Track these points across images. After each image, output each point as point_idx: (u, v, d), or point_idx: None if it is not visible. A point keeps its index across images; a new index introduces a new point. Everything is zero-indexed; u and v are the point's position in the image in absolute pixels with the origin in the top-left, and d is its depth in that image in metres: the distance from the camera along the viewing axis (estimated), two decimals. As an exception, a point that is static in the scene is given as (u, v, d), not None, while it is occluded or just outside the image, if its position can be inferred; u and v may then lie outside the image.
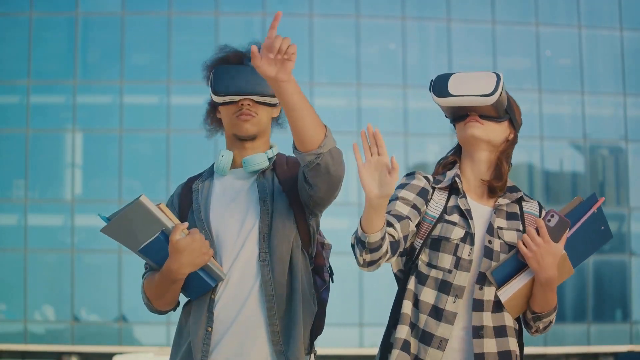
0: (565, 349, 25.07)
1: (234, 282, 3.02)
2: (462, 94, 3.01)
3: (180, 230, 2.90)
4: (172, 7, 25.11)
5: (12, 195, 24.71)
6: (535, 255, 2.87)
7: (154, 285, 3.03)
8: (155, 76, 24.91)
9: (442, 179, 3.10)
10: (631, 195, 25.62)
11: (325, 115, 3.30)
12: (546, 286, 2.91)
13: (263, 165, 3.13)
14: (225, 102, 3.10)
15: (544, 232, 2.87)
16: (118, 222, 2.90)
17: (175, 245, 2.89)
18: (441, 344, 2.91)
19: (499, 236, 3.00)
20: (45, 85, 24.88)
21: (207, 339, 3.00)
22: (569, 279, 21.95)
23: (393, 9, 25.48)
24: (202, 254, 2.92)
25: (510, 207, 3.08)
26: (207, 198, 3.12)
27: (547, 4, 25.87)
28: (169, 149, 24.66)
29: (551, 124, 25.49)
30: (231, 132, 3.14)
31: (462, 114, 3.07)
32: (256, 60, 2.75)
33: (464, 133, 3.08)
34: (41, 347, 24.24)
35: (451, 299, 2.94)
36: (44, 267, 24.37)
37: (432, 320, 2.94)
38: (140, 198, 2.87)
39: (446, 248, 2.98)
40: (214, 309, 3.02)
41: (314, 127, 2.92)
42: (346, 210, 21.93)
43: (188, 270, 2.94)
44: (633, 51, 25.90)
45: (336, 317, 20.79)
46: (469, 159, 3.11)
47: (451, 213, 3.02)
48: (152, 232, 2.92)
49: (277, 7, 25.23)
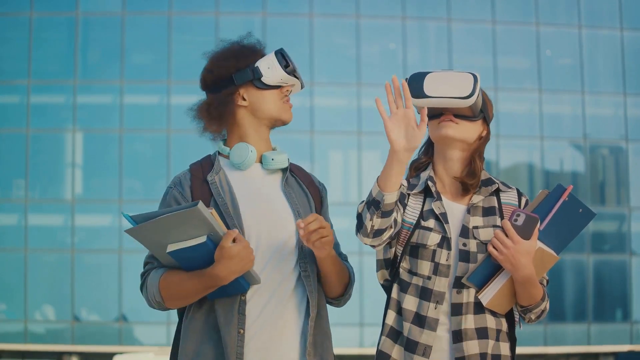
0: (566, 348, 25.07)
1: (267, 286, 2.98)
2: (439, 96, 2.94)
3: (232, 237, 2.85)
4: (172, 7, 25.11)
5: (12, 195, 24.71)
6: (507, 257, 2.85)
7: (182, 287, 2.94)
8: (155, 76, 24.91)
9: (417, 183, 3.07)
10: (631, 195, 25.61)
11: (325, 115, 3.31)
12: (525, 283, 2.89)
13: (283, 164, 3.10)
14: (279, 85, 3.10)
15: (512, 233, 2.84)
16: (155, 225, 2.82)
17: (228, 251, 2.83)
18: (426, 351, 2.90)
19: (474, 236, 2.97)
20: (45, 85, 24.88)
21: (240, 342, 2.94)
22: (569, 279, 21.75)
23: (393, 9, 25.48)
24: (250, 260, 2.87)
25: (487, 201, 3.04)
26: (230, 192, 3.05)
27: (547, 3, 25.87)
28: (169, 148, 24.66)
29: (551, 123, 25.48)
30: (275, 117, 3.12)
31: (436, 113, 3.03)
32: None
33: (438, 132, 3.04)
34: (41, 346, 24.24)
35: (432, 305, 2.92)
36: (44, 267, 24.37)
37: (416, 327, 2.93)
38: (199, 205, 2.77)
39: (424, 255, 2.96)
40: (245, 311, 2.96)
41: (339, 287, 3.09)
42: (346, 210, 21.89)
43: (234, 277, 2.88)
44: (633, 51, 25.90)
45: (336, 317, 20.81)
46: (442, 158, 3.07)
47: (427, 218, 2.99)
48: (195, 237, 2.85)
49: (277, 7, 25.24)
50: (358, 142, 24.77)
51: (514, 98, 24.77)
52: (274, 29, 24.45)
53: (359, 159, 24.87)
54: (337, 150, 25.04)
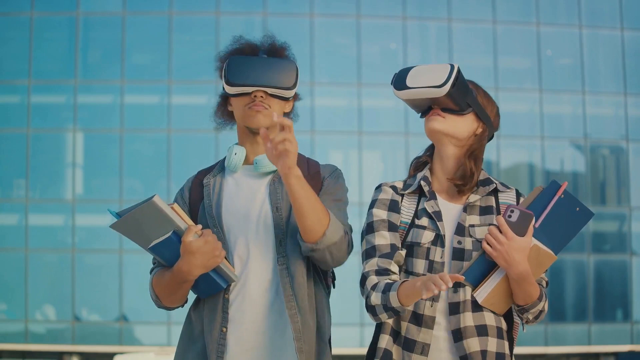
0: (566, 348, 25.07)
1: (252, 284, 3.00)
2: (416, 86, 2.97)
3: (193, 231, 2.88)
4: (172, 7, 25.11)
5: (12, 195, 24.72)
6: (501, 253, 2.84)
7: (164, 283, 3.00)
8: (156, 76, 24.91)
9: (413, 182, 3.08)
10: (632, 195, 25.62)
11: (325, 115, 3.30)
12: (521, 281, 2.87)
13: (267, 168, 3.09)
14: (238, 94, 3.05)
15: (505, 229, 2.83)
16: (128, 220, 2.87)
17: (188, 246, 2.87)
18: (424, 349, 2.90)
19: (470, 234, 2.96)
20: (46, 85, 24.89)
21: (222, 340, 2.97)
22: (570, 279, 21.69)
23: (394, 9, 25.49)
24: (214, 256, 2.89)
25: (485, 200, 3.04)
26: (219, 194, 3.09)
27: (547, 3, 25.87)
28: (169, 148, 24.66)
29: (552, 123, 25.48)
30: (243, 124, 3.10)
31: (426, 109, 3.05)
32: (265, 144, 2.82)
33: (426, 126, 3.06)
34: (42, 346, 24.25)
35: (428, 303, 2.93)
36: (45, 267, 24.38)
37: (413, 326, 2.93)
38: (154, 198, 2.82)
39: (418, 253, 2.96)
40: (229, 310, 3.00)
41: (314, 223, 2.90)
42: (346, 210, 21.89)
43: (199, 272, 2.91)
44: (634, 51, 25.90)
45: (336, 316, 20.76)
46: (439, 157, 3.08)
47: (421, 217, 3.00)
48: (164, 232, 2.89)
49: (278, 7, 25.24)
50: (358, 142, 24.77)
51: (514, 98, 24.77)
52: (274, 29, 24.34)
53: (360, 159, 24.86)
54: (338, 150, 25.03)
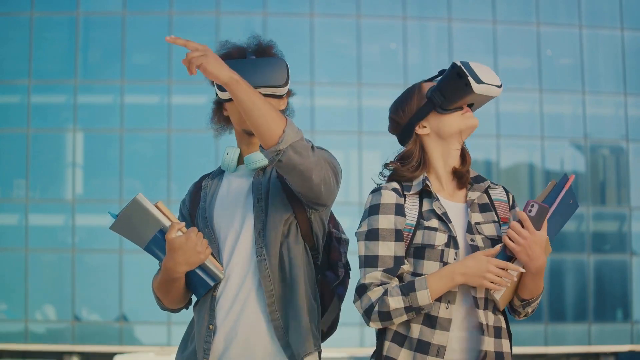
0: (566, 348, 25.07)
1: (233, 279, 3.03)
2: (493, 83, 2.96)
3: (176, 228, 2.92)
4: (173, 7, 25.12)
5: (13, 195, 24.73)
6: (524, 248, 2.84)
7: (159, 283, 3.06)
8: (156, 76, 24.92)
9: (411, 184, 3.02)
10: (632, 195, 25.62)
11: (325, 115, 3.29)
12: (537, 275, 2.90)
13: (262, 162, 3.10)
14: (231, 98, 3.05)
15: (528, 224, 2.84)
16: (122, 220, 2.94)
17: (171, 243, 2.91)
18: (439, 351, 2.87)
19: (478, 232, 2.95)
20: (46, 85, 24.90)
21: (208, 337, 3.01)
22: (570, 279, 21.75)
23: (394, 9, 25.49)
24: (196, 252, 2.93)
25: (481, 198, 3.04)
26: (213, 196, 3.14)
27: (548, 3, 25.87)
28: (169, 148, 24.67)
29: (552, 123, 25.49)
30: (240, 128, 3.13)
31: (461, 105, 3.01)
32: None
33: (463, 123, 3.01)
34: (42, 346, 24.25)
35: (444, 305, 2.89)
36: (45, 267, 24.38)
37: (427, 328, 2.89)
38: (137, 197, 2.88)
39: (431, 255, 2.92)
40: (215, 307, 3.03)
41: (268, 123, 2.80)
42: (346, 210, 21.90)
43: (183, 269, 2.95)
44: (634, 51, 25.90)
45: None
46: (446, 154, 3.03)
47: (428, 218, 2.95)
48: (151, 230, 2.95)
49: (278, 7, 25.25)
50: (358, 142, 24.77)
51: (514, 98, 24.77)
52: (274, 29, 24.44)
53: (360, 158, 24.87)
54: (338, 150, 25.03)
